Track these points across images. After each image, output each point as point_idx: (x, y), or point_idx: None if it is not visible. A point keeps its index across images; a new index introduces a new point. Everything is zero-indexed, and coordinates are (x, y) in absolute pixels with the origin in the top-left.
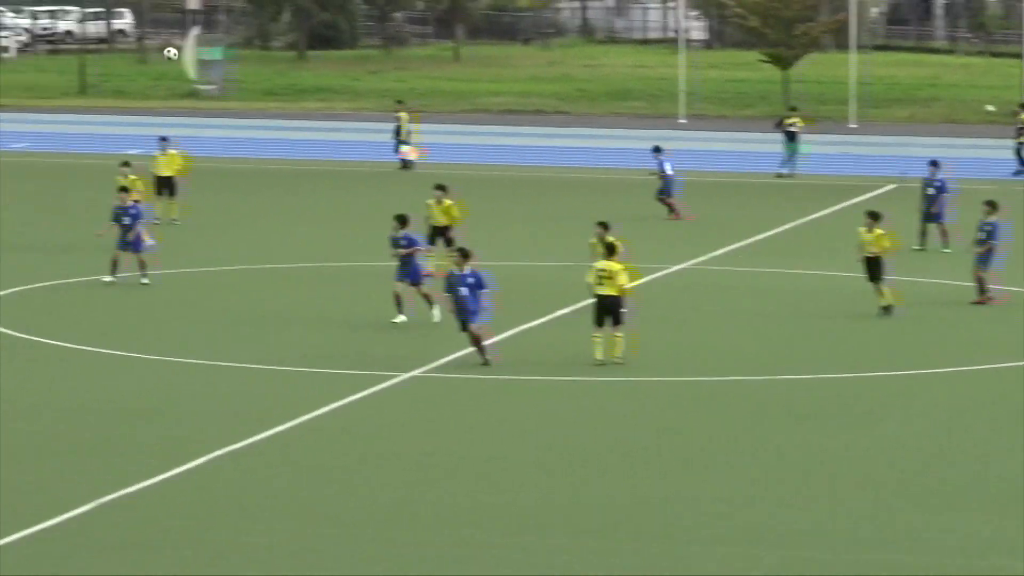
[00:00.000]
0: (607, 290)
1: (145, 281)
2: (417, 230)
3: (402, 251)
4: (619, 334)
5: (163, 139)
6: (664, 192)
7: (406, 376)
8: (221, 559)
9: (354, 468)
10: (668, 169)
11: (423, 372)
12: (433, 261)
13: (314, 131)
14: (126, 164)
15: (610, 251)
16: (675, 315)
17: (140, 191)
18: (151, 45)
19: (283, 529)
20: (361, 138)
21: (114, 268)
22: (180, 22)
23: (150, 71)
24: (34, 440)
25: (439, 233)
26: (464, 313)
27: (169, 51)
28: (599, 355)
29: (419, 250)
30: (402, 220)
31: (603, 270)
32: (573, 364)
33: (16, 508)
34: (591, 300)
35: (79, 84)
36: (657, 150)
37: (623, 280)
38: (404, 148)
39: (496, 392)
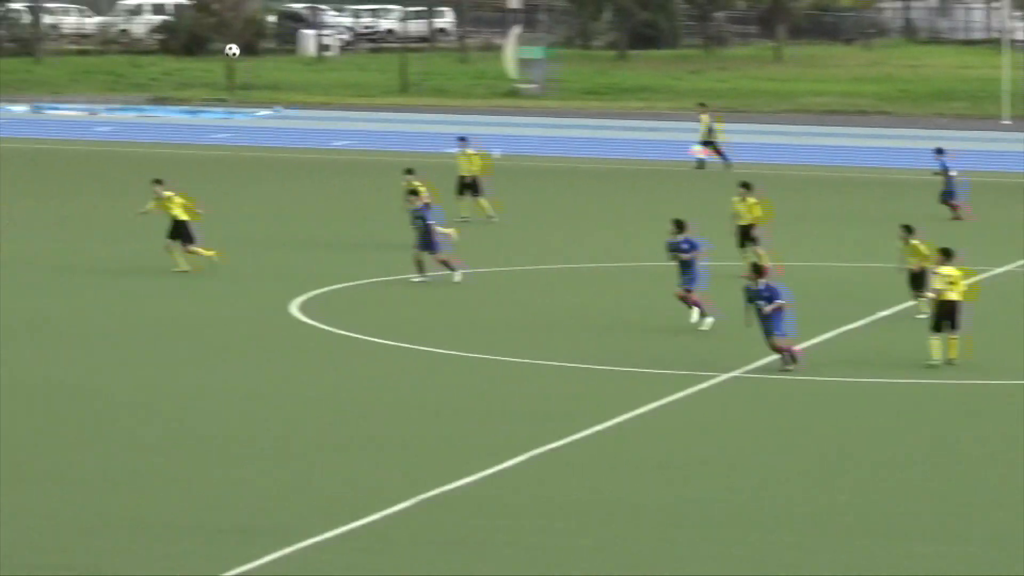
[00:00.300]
0: (952, 295)
1: (457, 279)
2: (711, 231)
3: (683, 255)
4: (955, 336)
5: (461, 139)
6: (948, 194)
7: (726, 376)
8: (539, 558)
9: (673, 467)
10: (952, 171)
11: (743, 373)
12: (747, 260)
13: (633, 131)
14: (410, 171)
15: (948, 256)
16: (1005, 317)
17: (428, 194)
18: (472, 44)
19: (600, 529)
20: (681, 138)
21: (420, 268)
22: (501, 21)
23: (470, 70)
24: (357, 436)
25: (744, 232)
26: (765, 324)
27: (231, 49)
28: (936, 355)
29: (699, 254)
30: (679, 225)
31: (948, 276)
32: (900, 366)
33: (339, 503)
34: (914, 300)
35: (400, 83)
36: (939, 151)
37: (963, 285)
38: (696, 148)
39: (819, 393)
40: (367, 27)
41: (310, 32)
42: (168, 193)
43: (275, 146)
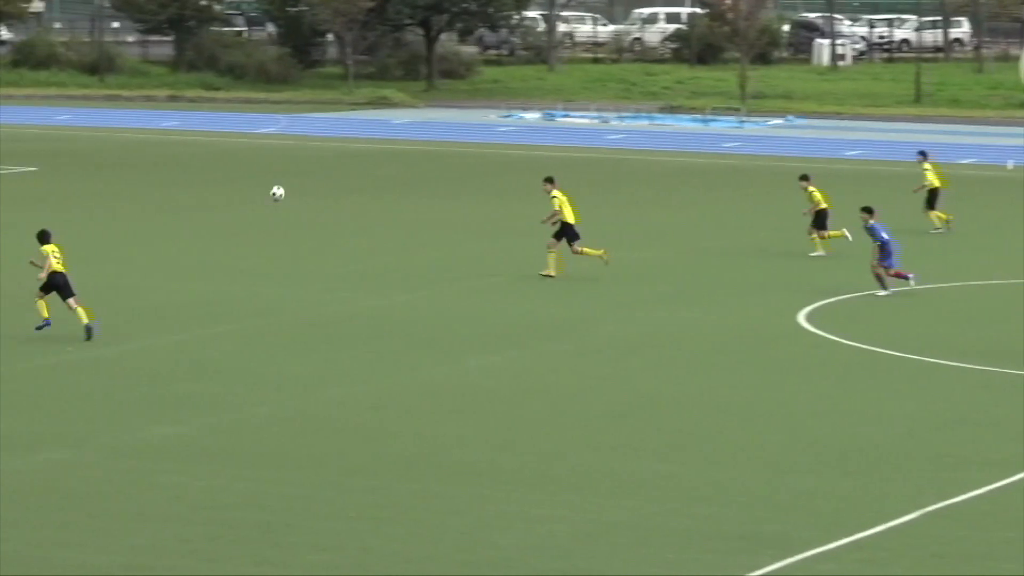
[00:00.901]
0: None
1: (882, 294)
2: None
3: None
4: None
5: (921, 153)
6: None
7: None
8: None
9: None
10: None
11: None
12: None
13: None
14: (804, 177)
15: None
16: None
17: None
18: (988, 54)
19: None
20: None
21: (881, 282)
22: (1019, 31)
23: (986, 80)
24: (860, 446)
25: None
26: None
27: (275, 192)
28: None
29: None
30: None
31: None
32: None
33: (841, 514)
34: None
35: (914, 93)
36: None
37: None
38: None
39: None
40: (881, 37)
41: (824, 41)
42: (556, 193)
43: (786, 155)
